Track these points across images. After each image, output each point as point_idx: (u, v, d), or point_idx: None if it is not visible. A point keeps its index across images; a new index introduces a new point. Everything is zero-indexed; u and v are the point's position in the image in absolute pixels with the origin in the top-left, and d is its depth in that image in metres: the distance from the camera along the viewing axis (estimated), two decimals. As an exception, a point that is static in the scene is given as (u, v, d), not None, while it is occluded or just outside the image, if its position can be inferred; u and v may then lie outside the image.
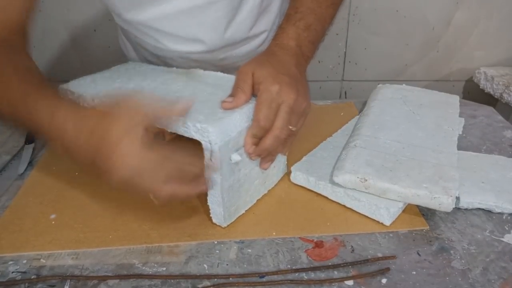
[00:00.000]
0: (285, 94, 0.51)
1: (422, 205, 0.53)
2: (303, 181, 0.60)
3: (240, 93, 0.52)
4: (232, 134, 0.49)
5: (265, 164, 0.56)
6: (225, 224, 0.54)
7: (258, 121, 0.51)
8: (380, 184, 0.53)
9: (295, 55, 0.57)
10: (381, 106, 0.72)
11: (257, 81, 0.52)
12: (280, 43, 0.58)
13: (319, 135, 0.70)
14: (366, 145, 0.61)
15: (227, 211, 0.53)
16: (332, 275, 0.47)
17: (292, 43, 0.58)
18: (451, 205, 0.51)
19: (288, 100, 0.51)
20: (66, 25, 1.48)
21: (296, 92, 0.52)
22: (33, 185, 0.62)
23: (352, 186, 0.55)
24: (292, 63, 0.56)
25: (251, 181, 0.56)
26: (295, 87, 0.52)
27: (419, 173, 0.55)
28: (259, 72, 0.52)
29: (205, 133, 0.47)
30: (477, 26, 1.50)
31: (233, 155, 0.50)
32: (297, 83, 0.53)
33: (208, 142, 0.48)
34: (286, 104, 0.51)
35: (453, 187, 0.52)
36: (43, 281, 0.47)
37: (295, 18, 0.60)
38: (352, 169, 0.55)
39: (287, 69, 0.55)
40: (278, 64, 0.54)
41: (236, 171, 0.52)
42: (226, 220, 0.53)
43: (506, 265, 0.48)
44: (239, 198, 0.54)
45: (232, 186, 0.52)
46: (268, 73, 0.52)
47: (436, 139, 0.63)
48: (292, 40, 0.58)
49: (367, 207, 0.54)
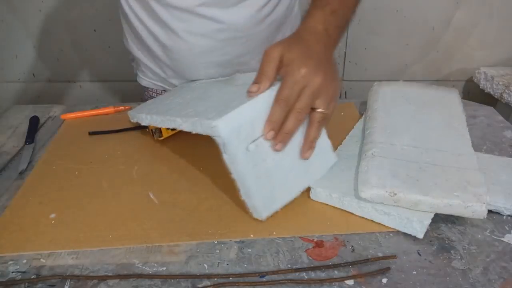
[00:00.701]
0: (310, 78, 0.52)
1: (454, 214, 0.52)
2: (325, 198, 0.57)
3: (264, 79, 0.52)
4: (242, 124, 0.50)
5: (305, 153, 0.55)
6: (264, 217, 0.53)
7: (277, 101, 0.51)
8: (410, 196, 0.51)
9: (323, 38, 0.57)
10: (385, 108, 0.71)
11: (284, 64, 0.53)
12: (308, 27, 0.58)
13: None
14: (384, 154, 0.59)
15: (261, 203, 0.53)
16: (333, 274, 0.47)
17: (320, 27, 0.58)
18: (484, 212, 0.50)
19: (312, 84, 0.52)
20: (66, 25, 1.48)
21: (323, 76, 0.52)
22: (33, 185, 0.62)
23: (380, 200, 0.52)
24: (320, 46, 0.56)
25: (286, 172, 0.54)
26: (321, 71, 0.53)
27: (446, 180, 0.53)
28: (287, 55, 0.53)
29: (213, 128, 0.48)
30: (477, 26, 1.51)
31: (250, 145, 0.50)
32: (325, 67, 0.54)
33: (218, 136, 0.49)
34: (310, 88, 0.52)
35: (483, 193, 0.51)
36: (43, 281, 0.47)
37: (321, 3, 0.60)
38: (378, 182, 0.53)
39: (315, 52, 0.55)
40: (306, 48, 0.55)
41: (259, 161, 0.51)
42: (263, 212, 0.53)
43: (507, 265, 0.48)
44: (273, 189, 0.53)
45: (260, 176, 0.52)
46: (296, 56, 0.52)
47: (450, 140, 0.62)
48: (319, 23, 0.58)
49: (398, 221, 0.52)
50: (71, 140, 0.74)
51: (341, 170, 0.60)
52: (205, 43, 0.76)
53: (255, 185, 0.52)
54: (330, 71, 0.55)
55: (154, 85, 0.89)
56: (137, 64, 0.89)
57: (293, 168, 0.55)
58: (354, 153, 0.64)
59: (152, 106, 0.71)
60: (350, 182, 0.58)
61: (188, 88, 0.76)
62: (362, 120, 0.74)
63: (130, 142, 0.73)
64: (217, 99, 0.59)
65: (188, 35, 0.75)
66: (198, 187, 0.61)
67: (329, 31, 0.58)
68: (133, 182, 0.63)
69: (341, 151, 0.65)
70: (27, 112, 0.84)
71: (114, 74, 1.57)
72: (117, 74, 1.57)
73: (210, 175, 0.63)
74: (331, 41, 0.59)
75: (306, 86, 0.52)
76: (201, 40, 0.75)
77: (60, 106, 0.87)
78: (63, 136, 0.76)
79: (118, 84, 1.59)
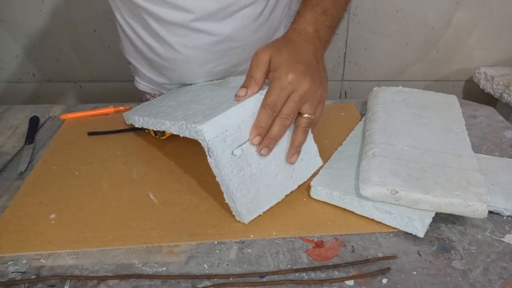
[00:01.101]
0: (298, 83, 0.51)
1: (454, 213, 0.52)
2: (326, 196, 0.57)
3: (252, 83, 0.52)
4: (228, 128, 0.50)
5: (291, 158, 0.55)
6: (246, 221, 0.53)
7: (264, 107, 0.51)
8: (411, 195, 0.51)
9: (313, 40, 0.57)
10: (386, 110, 0.71)
11: (272, 68, 0.52)
12: (298, 28, 0.58)
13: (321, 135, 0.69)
14: (385, 154, 0.59)
15: (244, 207, 0.53)
16: (333, 275, 0.47)
17: (310, 28, 0.58)
18: (485, 211, 0.50)
19: (299, 90, 0.51)
20: (66, 25, 1.48)
21: (310, 81, 0.52)
22: (33, 185, 0.62)
23: (381, 199, 0.53)
24: (310, 49, 0.56)
25: (271, 176, 0.55)
26: (309, 76, 0.52)
27: (446, 180, 0.53)
28: (275, 59, 0.52)
29: (198, 132, 0.49)
30: (477, 26, 1.50)
31: (235, 149, 0.50)
32: (312, 71, 0.53)
33: (203, 140, 0.49)
34: (297, 94, 0.52)
35: (483, 193, 0.51)
36: (43, 281, 0.47)
37: (312, 3, 0.60)
38: (380, 181, 0.53)
39: (304, 56, 0.54)
40: (295, 51, 0.54)
41: (245, 166, 0.52)
42: (246, 217, 0.53)
43: (507, 265, 0.48)
44: (258, 194, 0.54)
45: (244, 181, 0.52)
46: (284, 60, 0.52)
47: (450, 142, 0.62)
48: (310, 25, 0.58)
49: (399, 219, 0.52)
50: (71, 140, 0.74)
51: (341, 170, 0.60)
52: (201, 55, 0.75)
53: (239, 190, 0.52)
54: (318, 75, 0.54)
55: (150, 89, 0.89)
56: (134, 69, 0.89)
57: (279, 172, 0.56)
58: (355, 154, 0.64)
59: (146, 108, 0.71)
60: (351, 181, 0.58)
61: (183, 91, 0.76)
62: (362, 122, 0.74)
63: (130, 142, 0.73)
64: (207, 102, 0.58)
65: (184, 48, 0.74)
66: (198, 187, 0.61)
67: (319, 32, 0.58)
68: (133, 182, 0.62)
69: (341, 152, 0.65)
70: (27, 112, 0.84)
71: (114, 74, 1.57)
72: (117, 74, 1.56)
73: (210, 175, 0.62)
74: (322, 42, 0.58)
75: (293, 92, 0.52)
76: (197, 53, 0.74)
77: (60, 106, 0.87)
78: (63, 136, 0.76)
79: (118, 84, 1.59)
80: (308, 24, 0.58)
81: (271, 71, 0.53)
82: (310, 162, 0.59)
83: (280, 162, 0.55)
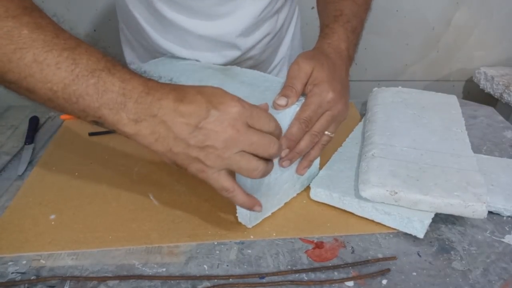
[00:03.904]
0: (334, 104, 0.51)
1: (454, 214, 0.52)
2: (325, 198, 0.57)
3: (293, 94, 0.51)
4: None
5: (302, 170, 0.55)
6: (250, 226, 0.53)
7: (299, 120, 0.50)
8: (411, 195, 0.52)
9: (346, 59, 0.57)
10: (385, 111, 0.71)
11: (312, 81, 0.52)
12: (332, 44, 0.57)
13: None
14: (384, 154, 0.59)
15: (254, 214, 0.52)
16: (332, 276, 0.47)
17: (343, 46, 0.57)
18: (485, 212, 0.50)
19: (334, 110, 0.52)
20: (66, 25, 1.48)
21: (344, 103, 0.53)
22: (33, 185, 0.62)
23: (380, 199, 0.53)
24: (343, 68, 0.56)
25: (281, 185, 0.55)
26: (344, 98, 0.53)
27: (446, 181, 0.53)
28: (317, 73, 0.52)
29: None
30: (477, 26, 1.50)
31: None
32: (346, 92, 0.54)
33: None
34: (331, 113, 0.52)
35: (483, 193, 0.51)
36: (43, 282, 0.47)
37: (342, 20, 0.59)
38: (379, 181, 0.53)
39: (340, 75, 0.54)
40: (333, 68, 0.54)
41: (266, 177, 0.50)
42: (252, 222, 0.53)
43: (507, 266, 0.48)
44: (267, 202, 0.53)
45: (261, 190, 0.51)
46: (325, 77, 0.52)
47: (450, 143, 0.62)
48: (343, 42, 0.58)
49: (399, 220, 0.52)
50: (71, 141, 0.74)
51: (341, 171, 0.60)
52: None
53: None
54: (348, 97, 0.55)
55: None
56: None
57: (287, 181, 0.56)
58: (354, 155, 0.64)
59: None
60: (351, 182, 0.58)
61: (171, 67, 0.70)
62: (362, 123, 0.74)
63: (130, 143, 0.72)
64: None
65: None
66: (198, 188, 0.61)
67: (350, 50, 0.58)
68: (133, 183, 0.62)
69: (341, 153, 0.65)
70: (27, 112, 0.84)
71: (114, 74, 1.57)
72: (117, 74, 1.57)
73: (210, 176, 0.63)
74: (350, 61, 0.59)
75: (328, 111, 0.52)
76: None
77: (60, 106, 0.87)
78: (63, 136, 0.76)
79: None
80: (341, 41, 0.57)
81: (309, 84, 0.52)
82: (310, 172, 0.60)
83: (290, 172, 0.55)
